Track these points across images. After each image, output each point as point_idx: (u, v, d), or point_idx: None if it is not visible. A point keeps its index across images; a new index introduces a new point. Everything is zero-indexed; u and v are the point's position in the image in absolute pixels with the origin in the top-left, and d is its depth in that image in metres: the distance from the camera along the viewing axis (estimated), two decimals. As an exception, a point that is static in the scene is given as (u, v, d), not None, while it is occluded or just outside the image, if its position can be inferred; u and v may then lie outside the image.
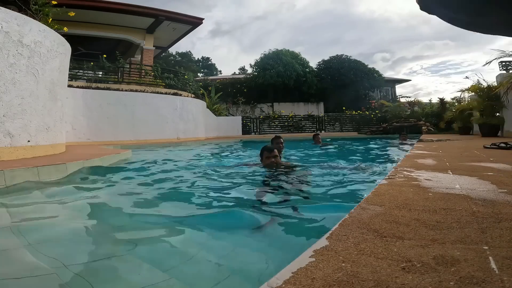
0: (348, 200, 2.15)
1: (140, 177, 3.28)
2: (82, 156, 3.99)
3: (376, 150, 6.80)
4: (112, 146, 7.12)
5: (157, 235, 1.54)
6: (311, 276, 0.73)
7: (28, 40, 3.80)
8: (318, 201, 2.14)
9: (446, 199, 1.48)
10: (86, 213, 1.92)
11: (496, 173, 2.27)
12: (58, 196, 2.34)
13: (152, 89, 9.90)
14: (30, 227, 1.60)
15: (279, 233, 1.55)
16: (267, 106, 17.70)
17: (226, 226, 1.63)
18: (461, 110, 11.31)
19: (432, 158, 3.42)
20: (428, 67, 72.91)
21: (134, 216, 1.87)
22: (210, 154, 6.30)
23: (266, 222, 1.69)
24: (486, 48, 40.70)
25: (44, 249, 1.29)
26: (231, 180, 2.94)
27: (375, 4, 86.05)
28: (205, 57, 39.57)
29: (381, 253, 0.86)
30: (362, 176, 3.05)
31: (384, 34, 79.09)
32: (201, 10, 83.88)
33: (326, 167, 3.54)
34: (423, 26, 78.91)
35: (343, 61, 18.40)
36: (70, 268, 1.10)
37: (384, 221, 1.14)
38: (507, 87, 8.16)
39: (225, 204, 2.12)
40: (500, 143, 4.66)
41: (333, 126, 16.34)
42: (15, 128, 3.66)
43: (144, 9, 11.78)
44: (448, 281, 0.70)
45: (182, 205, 2.12)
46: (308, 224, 1.67)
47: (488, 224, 1.10)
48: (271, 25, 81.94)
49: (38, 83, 3.99)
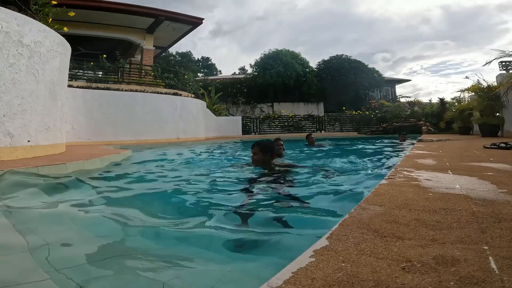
0: (348, 200, 2.15)
1: (139, 177, 3.28)
2: (82, 156, 3.99)
3: (375, 150, 6.80)
4: (112, 146, 7.12)
5: (157, 235, 1.54)
6: (311, 276, 0.73)
7: (28, 40, 3.80)
8: (318, 201, 2.14)
9: (446, 199, 1.48)
10: (86, 213, 1.92)
11: (496, 173, 2.27)
12: (58, 196, 2.34)
13: (152, 89, 9.90)
14: (30, 228, 1.60)
15: (279, 233, 1.55)
16: (267, 106, 17.70)
17: (225, 226, 1.63)
18: (461, 110, 11.31)
19: (432, 158, 3.42)
20: (428, 67, 73.00)
21: (134, 216, 1.87)
22: (208, 155, 6.30)
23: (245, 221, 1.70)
24: (486, 48, 40.78)
25: (43, 250, 1.29)
26: (228, 181, 2.93)
27: (376, 4, 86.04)
28: (205, 57, 39.60)
29: (381, 253, 0.86)
30: (362, 176, 3.05)
31: (385, 34, 79.18)
32: (202, 10, 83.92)
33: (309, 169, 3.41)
34: (423, 26, 78.88)
35: (343, 61, 18.40)
36: (65, 272, 1.10)
37: (384, 221, 1.14)
38: (507, 87, 8.16)
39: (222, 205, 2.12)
40: (500, 143, 4.66)
41: (333, 126, 16.35)
42: (15, 128, 3.66)
43: (144, 9, 11.78)
44: (448, 281, 0.70)
45: (182, 205, 2.12)
46: (308, 224, 1.67)
47: (488, 224, 1.10)
48: (272, 25, 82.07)
49: (38, 83, 3.99)
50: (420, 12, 78.64)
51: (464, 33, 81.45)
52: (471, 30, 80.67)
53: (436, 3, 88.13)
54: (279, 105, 17.55)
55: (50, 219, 1.78)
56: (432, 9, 77.86)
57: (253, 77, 18.03)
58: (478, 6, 73.65)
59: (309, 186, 2.63)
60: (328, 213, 1.85)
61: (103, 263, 1.21)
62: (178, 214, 1.91)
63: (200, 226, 1.66)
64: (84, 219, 1.82)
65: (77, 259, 1.23)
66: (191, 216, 1.85)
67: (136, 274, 1.14)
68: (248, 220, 1.74)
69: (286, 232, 1.57)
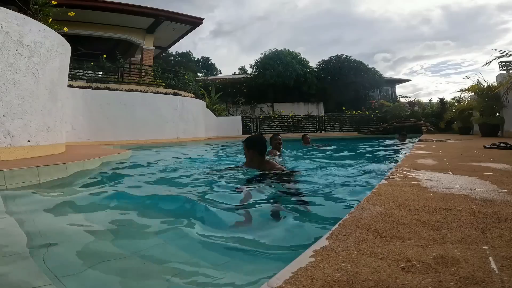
0: (348, 200, 2.15)
1: (139, 177, 3.27)
2: (82, 156, 3.99)
3: (375, 150, 6.80)
4: (112, 146, 7.12)
5: (156, 235, 1.54)
6: (311, 276, 0.73)
7: (28, 40, 3.80)
8: (318, 201, 2.14)
9: (446, 199, 1.48)
10: (86, 213, 1.92)
11: (496, 173, 2.27)
12: (57, 196, 2.34)
13: (152, 89, 9.90)
14: (30, 228, 1.60)
15: (279, 233, 1.55)
16: (267, 106, 17.70)
17: (222, 226, 1.63)
18: (461, 110, 11.31)
19: (432, 158, 3.42)
20: (429, 67, 72.85)
21: (133, 217, 1.87)
22: (208, 155, 6.30)
23: (243, 220, 1.70)
24: (486, 48, 40.73)
25: (42, 252, 1.29)
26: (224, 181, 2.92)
27: (376, 4, 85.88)
28: (205, 57, 39.56)
29: (381, 253, 0.86)
30: (362, 176, 3.05)
31: (385, 34, 79.07)
32: (203, 10, 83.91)
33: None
34: (424, 26, 78.78)
35: (343, 61, 18.42)
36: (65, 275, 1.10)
37: (384, 221, 1.14)
38: (507, 87, 8.16)
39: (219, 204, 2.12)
40: (500, 143, 4.66)
41: (333, 126, 16.35)
42: (15, 128, 3.66)
43: (144, 9, 11.78)
44: (448, 281, 0.70)
45: (181, 205, 2.12)
46: (308, 224, 1.66)
47: (488, 224, 1.10)
48: (272, 25, 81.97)
49: (38, 83, 3.99)
50: (420, 12, 78.55)
51: (464, 33, 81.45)
52: (471, 30, 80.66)
53: (436, 3, 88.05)
54: (279, 105, 17.55)
55: (49, 220, 1.78)
56: (432, 9, 77.78)
57: (253, 77, 18.04)
58: (478, 6, 73.64)
59: (309, 186, 2.63)
60: (328, 213, 1.84)
61: (103, 263, 1.21)
62: (178, 214, 1.90)
63: (199, 225, 1.66)
64: (84, 219, 1.82)
65: (77, 259, 1.23)
66: (190, 215, 1.85)
67: (136, 275, 1.14)
68: (249, 218, 1.74)
69: (286, 232, 1.57)
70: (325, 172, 3.30)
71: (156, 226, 1.67)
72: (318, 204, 2.06)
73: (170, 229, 1.61)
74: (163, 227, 1.64)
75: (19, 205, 2.06)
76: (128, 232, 1.61)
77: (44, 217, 1.83)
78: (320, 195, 2.35)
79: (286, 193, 2.31)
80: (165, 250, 1.37)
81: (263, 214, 1.82)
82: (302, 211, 1.91)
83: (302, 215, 1.83)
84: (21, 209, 1.95)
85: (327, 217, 1.76)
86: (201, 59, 39.05)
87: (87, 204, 2.12)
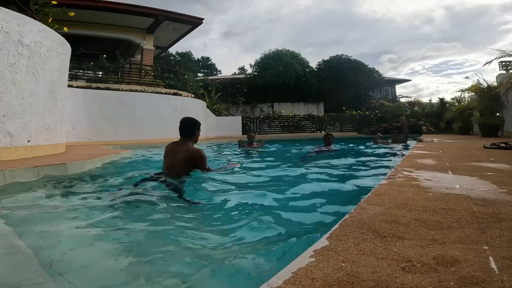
0: (348, 200, 2.15)
1: (139, 177, 3.27)
2: (82, 156, 3.99)
3: (375, 150, 6.79)
4: (112, 146, 7.12)
5: (156, 235, 1.54)
6: (311, 276, 0.73)
7: (28, 40, 3.80)
8: (318, 201, 2.14)
9: (446, 199, 1.48)
10: (85, 214, 1.92)
11: (496, 173, 2.27)
12: (58, 196, 2.34)
13: (152, 89, 9.90)
14: (29, 228, 1.60)
15: (279, 233, 1.55)
16: (267, 106, 17.69)
17: (221, 226, 1.63)
18: (461, 110, 11.30)
19: (432, 158, 3.42)
20: (430, 67, 72.65)
21: (132, 217, 1.87)
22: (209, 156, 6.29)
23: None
24: (488, 48, 40.64)
25: (42, 251, 1.29)
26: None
27: (378, 4, 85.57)
28: (205, 57, 39.52)
29: (381, 253, 0.86)
30: (362, 176, 3.05)
31: (387, 35, 78.87)
32: (203, 11, 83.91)
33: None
34: (426, 26, 78.48)
35: (343, 61, 18.40)
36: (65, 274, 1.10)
37: (384, 221, 1.14)
38: (507, 87, 8.16)
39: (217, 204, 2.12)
40: (500, 143, 4.66)
41: (333, 126, 16.34)
42: (15, 128, 3.66)
43: (144, 9, 11.78)
44: (448, 281, 0.70)
45: (181, 205, 2.12)
46: (308, 224, 1.66)
47: (488, 224, 1.10)
48: (272, 25, 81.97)
49: (38, 83, 3.99)
50: (423, 13, 78.30)
51: (466, 33, 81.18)
52: (473, 30, 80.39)
53: (439, 3, 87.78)
54: (279, 105, 17.54)
55: (49, 220, 1.78)
56: (435, 9, 77.44)
57: (253, 77, 18.03)
58: (481, 6, 73.39)
59: (309, 186, 2.63)
60: (328, 213, 1.84)
61: (103, 262, 1.21)
62: (178, 214, 1.90)
63: (199, 225, 1.66)
64: (84, 219, 1.82)
65: (77, 258, 1.23)
66: (190, 214, 1.85)
67: (136, 274, 1.14)
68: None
69: (286, 231, 1.57)
70: (325, 172, 3.30)
71: (156, 226, 1.67)
72: (318, 204, 2.06)
73: (170, 228, 1.61)
74: (163, 227, 1.64)
75: (19, 205, 2.06)
76: (128, 232, 1.61)
77: (44, 217, 1.82)
78: (320, 195, 2.35)
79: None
80: (165, 250, 1.37)
81: (264, 214, 1.82)
82: (301, 213, 1.91)
83: (302, 215, 1.83)
84: (21, 209, 1.95)
85: (327, 217, 1.76)
86: (201, 59, 39.04)
87: (87, 204, 2.12)
